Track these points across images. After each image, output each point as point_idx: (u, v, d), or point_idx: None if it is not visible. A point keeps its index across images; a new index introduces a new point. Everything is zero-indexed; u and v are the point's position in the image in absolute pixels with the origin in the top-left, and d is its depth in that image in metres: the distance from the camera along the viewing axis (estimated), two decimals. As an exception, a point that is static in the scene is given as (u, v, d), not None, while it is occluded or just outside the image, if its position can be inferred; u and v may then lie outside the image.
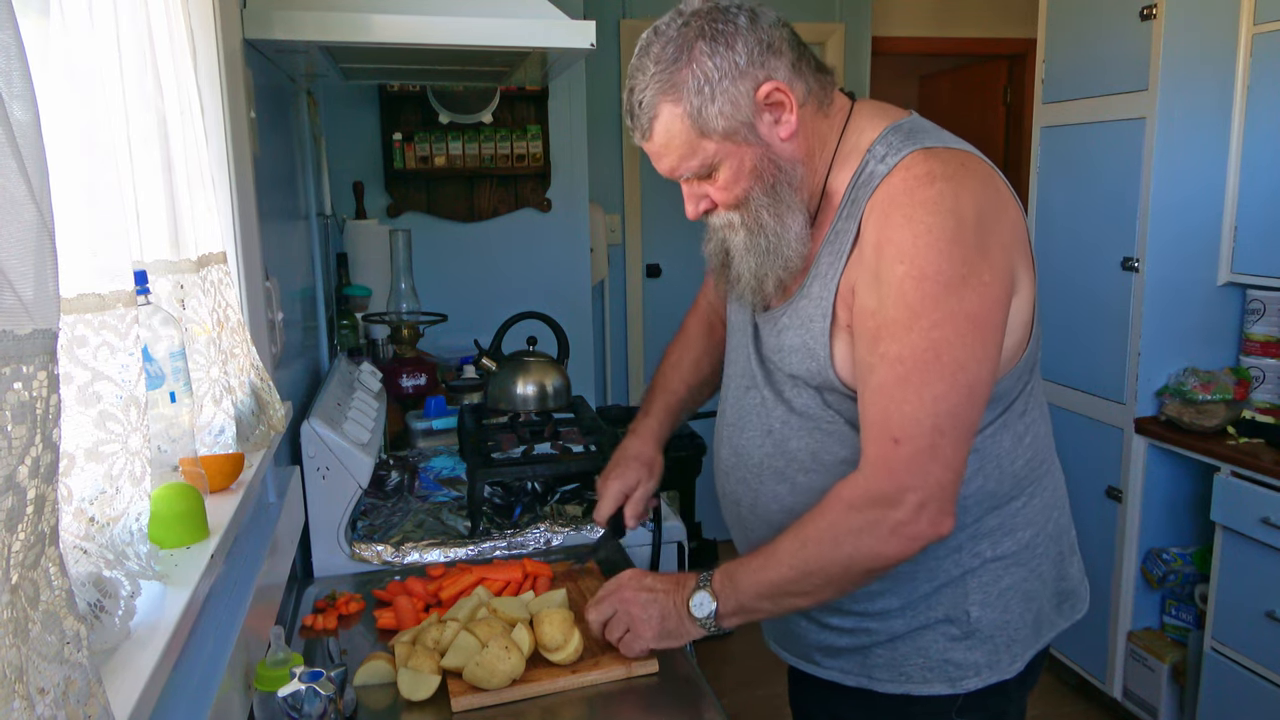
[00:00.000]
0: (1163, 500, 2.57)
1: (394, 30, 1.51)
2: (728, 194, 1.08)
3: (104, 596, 0.71)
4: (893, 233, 0.99)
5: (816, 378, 1.10)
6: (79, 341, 0.76)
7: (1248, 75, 2.37)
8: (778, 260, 1.10)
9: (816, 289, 1.09)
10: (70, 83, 0.75)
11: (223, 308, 1.16)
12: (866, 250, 1.03)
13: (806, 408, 1.13)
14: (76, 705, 0.55)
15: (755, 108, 1.03)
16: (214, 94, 1.29)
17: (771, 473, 1.17)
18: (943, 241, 0.97)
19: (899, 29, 4.21)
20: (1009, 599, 1.16)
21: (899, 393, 0.99)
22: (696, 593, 1.12)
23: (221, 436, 1.10)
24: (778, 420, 1.16)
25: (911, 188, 1.00)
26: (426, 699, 1.16)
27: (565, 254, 3.32)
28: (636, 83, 1.05)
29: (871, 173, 1.05)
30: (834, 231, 1.08)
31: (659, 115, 1.04)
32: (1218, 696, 2.34)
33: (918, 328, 0.98)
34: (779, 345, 1.14)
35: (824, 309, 1.08)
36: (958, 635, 1.15)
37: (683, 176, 1.09)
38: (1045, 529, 1.19)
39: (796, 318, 1.11)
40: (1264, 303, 2.42)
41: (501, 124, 3.18)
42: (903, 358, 0.99)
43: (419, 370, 2.42)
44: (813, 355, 1.10)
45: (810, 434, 1.13)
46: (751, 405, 1.20)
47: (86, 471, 0.77)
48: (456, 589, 1.43)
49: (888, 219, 1.01)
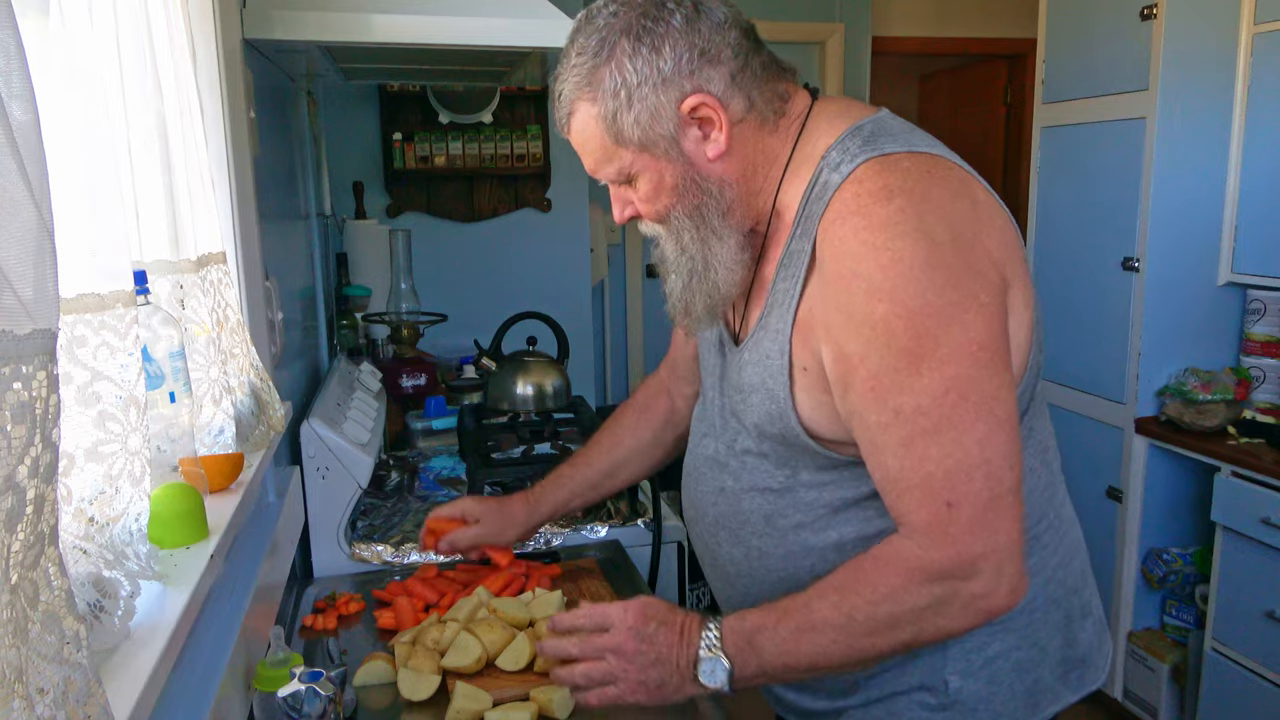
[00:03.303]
0: (1163, 500, 2.57)
1: (394, 30, 1.51)
2: (649, 207, 0.98)
3: (104, 596, 0.71)
4: (857, 264, 0.87)
5: (776, 423, 0.98)
6: (79, 341, 0.76)
7: (1248, 75, 2.37)
8: (704, 285, 0.99)
9: (774, 320, 0.97)
10: (70, 83, 0.75)
11: (222, 308, 1.16)
12: (827, 276, 0.91)
13: (758, 466, 1.02)
14: (76, 705, 0.55)
15: (679, 121, 0.92)
16: (214, 94, 1.29)
17: (726, 533, 1.07)
18: (917, 269, 0.84)
19: (899, 29, 4.22)
20: (996, 668, 1.02)
21: (934, 449, 0.85)
22: (706, 660, 0.94)
23: (221, 436, 1.10)
24: (730, 477, 1.06)
25: (865, 206, 0.87)
26: (426, 699, 1.16)
27: (565, 254, 3.32)
28: (560, 70, 0.95)
29: (825, 183, 0.92)
30: (788, 253, 0.96)
31: (575, 112, 0.95)
32: (1218, 696, 2.34)
33: (926, 371, 0.85)
34: (740, 384, 1.02)
35: (781, 344, 0.96)
36: (934, 705, 1.02)
37: (602, 181, 1.00)
38: (1046, 589, 1.03)
39: (756, 352, 0.99)
40: (1264, 303, 2.42)
41: (501, 124, 3.18)
42: (923, 409, 0.85)
43: (419, 370, 2.42)
44: (772, 397, 0.97)
45: (762, 494, 1.02)
46: (705, 456, 1.10)
47: (86, 471, 0.77)
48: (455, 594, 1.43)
49: (844, 244, 0.88)
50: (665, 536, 1.70)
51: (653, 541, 1.68)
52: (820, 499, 1.00)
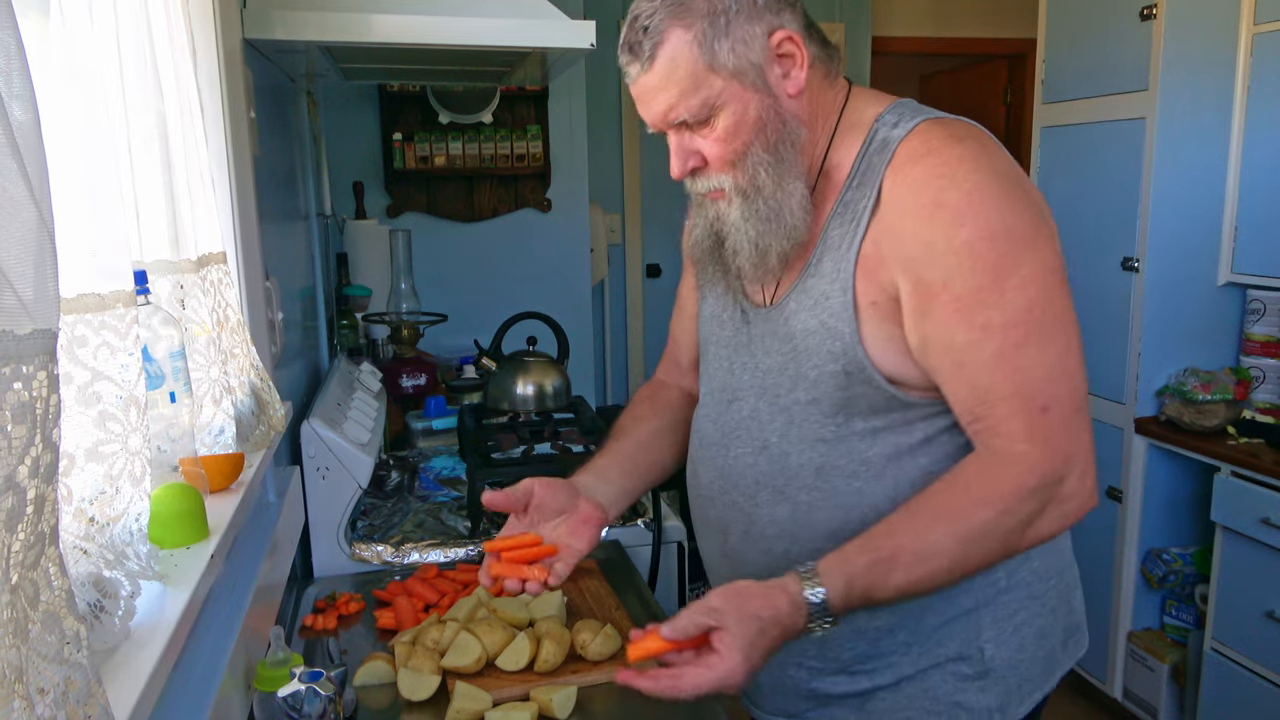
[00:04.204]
0: (1163, 500, 2.57)
1: (394, 30, 1.51)
2: (725, 147, 0.98)
3: (104, 596, 0.71)
4: (938, 195, 0.93)
5: (839, 359, 0.99)
6: (79, 341, 0.76)
7: (1248, 75, 2.37)
8: (780, 228, 0.99)
9: (829, 265, 1.00)
10: (70, 82, 0.75)
11: (222, 308, 1.16)
12: (903, 211, 0.95)
13: (808, 416, 1.03)
14: (76, 705, 0.55)
15: (767, 53, 0.96)
16: (214, 94, 1.29)
17: (769, 492, 1.06)
18: (997, 197, 0.92)
19: (899, 29, 4.22)
20: (1024, 635, 1.07)
21: (1024, 359, 0.91)
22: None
23: (221, 436, 1.10)
24: (774, 433, 1.06)
25: (937, 148, 0.95)
26: (426, 699, 1.16)
27: (565, 254, 3.32)
28: (641, 10, 0.96)
29: (884, 139, 0.99)
30: (842, 203, 1.00)
31: (666, 41, 0.94)
32: (1218, 697, 2.34)
33: (1009, 288, 0.91)
34: (787, 333, 1.04)
35: (843, 283, 0.99)
36: (969, 675, 1.05)
37: (676, 120, 0.97)
38: (1053, 557, 1.10)
39: (807, 298, 1.02)
40: (1264, 303, 2.42)
41: (501, 124, 3.18)
42: (1011, 322, 0.91)
43: (419, 370, 2.42)
44: (835, 334, 0.99)
45: (813, 447, 1.03)
46: (738, 419, 1.09)
47: (86, 471, 0.77)
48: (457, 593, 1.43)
49: (922, 180, 0.94)
50: (665, 536, 1.70)
51: (653, 541, 1.68)
52: (873, 448, 1.02)
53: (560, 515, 1.15)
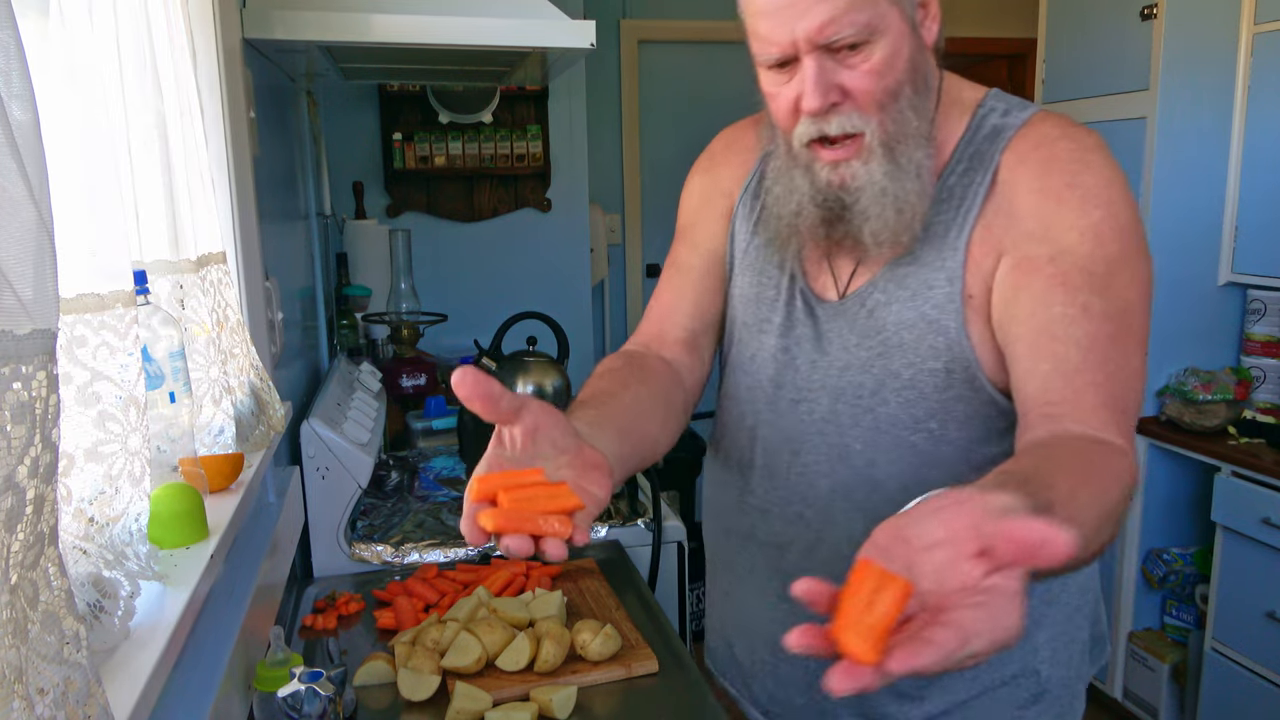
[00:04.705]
0: (1163, 500, 2.56)
1: (394, 30, 1.51)
2: (877, 82, 0.85)
3: (103, 597, 0.71)
4: (1073, 177, 0.86)
5: (942, 356, 0.91)
6: (78, 341, 0.76)
7: (1248, 75, 2.37)
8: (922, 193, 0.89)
9: (929, 252, 0.91)
10: (70, 83, 0.75)
11: (222, 308, 1.16)
12: (1011, 197, 0.88)
13: (898, 420, 0.93)
14: (76, 705, 0.55)
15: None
16: (213, 94, 1.29)
17: (847, 508, 0.95)
18: (1125, 192, 0.87)
19: (899, 29, 4.21)
20: (1072, 651, 1.02)
21: (1117, 355, 0.83)
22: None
23: (221, 436, 1.09)
24: (857, 439, 0.95)
25: (1070, 134, 0.89)
26: (426, 699, 1.16)
27: (565, 254, 3.33)
28: None
29: (996, 127, 0.92)
30: (945, 188, 0.92)
31: None
32: (1218, 697, 2.34)
33: (1117, 284, 0.85)
34: (873, 326, 0.94)
35: (949, 272, 0.90)
36: (1027, 699, 1.00)
37: (834, 38, 0.83)
38: (1089, 577, 1.06)
39: (900, 289, 0.92)
40: (1264, 303, 2.42)
41: (501, 124, 3.18)
42: (1110, 315, 0.84)
43: (419, 370, 2.42)
44: (938, 328, 0.91)
45: (902, 456, 0.93)
46: (810, 422, 0.98)
47: (86, 471, 0.77)
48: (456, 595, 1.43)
49: (1053, 163, 0.88)
50: (665, 536, 1.70)
51: (653, 541, 1.68)
52: (966, 460, 0.94)
53: (562, 455, 0.74)
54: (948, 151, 0.93)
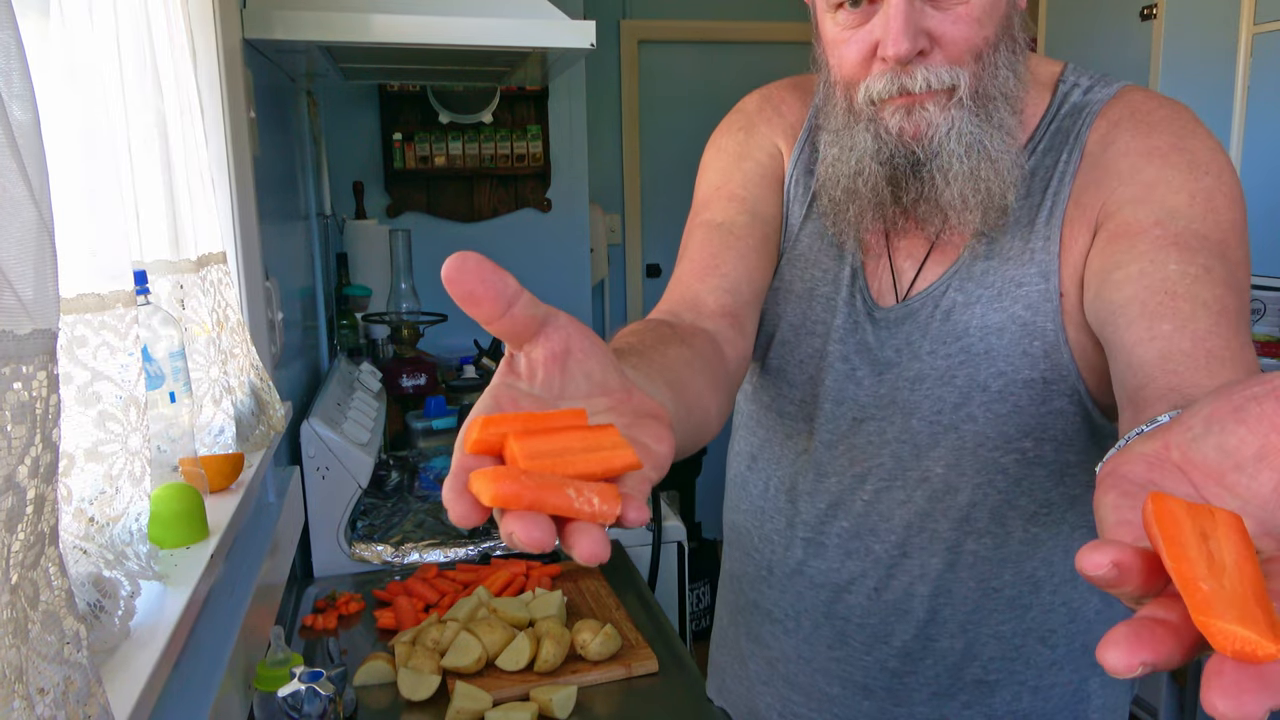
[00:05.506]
0: (1163, 500, 2.56)
1: (394, 30, 1.51)
2: (974, 31, 0.73)
3: (104, 596, 0.71)
4: (1180, 140, 0.76)
5: (1039, 364, 0.78)
6: (79, 341, 0.76)
7: (1248, 75, 2.37)
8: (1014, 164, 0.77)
9: (1015, 246, 0.79)
10: (70, 83, 0.75)
11: (222, 308, 1.16)
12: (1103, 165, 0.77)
13: (986, 439, 0.80)
14: (76, 705, 0.55)
15: None
16: (214, 94, 1.29)
17: (925, 538, 0.84)
18: (1235, 171, 0.77)
19: (899, 29, 4.21)
20: (1119, 690, 0.91)
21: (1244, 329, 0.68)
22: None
23: (221, 436, 1.10)
24: (939, 461, 0.82)
25: (1166, 103, 0.80)
26: (426, 699, 1.16)
27: (565, 254, 3.33)
28: None
29: (1077, 104, 0.82)
30: (1028, 171, 0.81)
31: None
32: (1218, 696, 2.33)
33: (1231, 257, 0.71)
34: (952, 332, 0.81)
35: (1042, 267, 0.78)
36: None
37: None
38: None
39: (982, 287, 0.80)
40: (1264, 302, 2.42)
41: (501, 124, 3.18)
42: (1232, 286, 0.69)
43: (419, 370, 2.42)
44: (1035, 332, 0.78)
45: (991, 481, 0.81)
46: (880, 443, 0.84)
47: (86, 471, 0.77)
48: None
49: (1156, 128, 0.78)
50: (665, 536, 1.70)
51: (653, 542, 1.68)
52: (1059, 486, 0.83)
53: (604, 396, 0.47)
54: (1029, 130, 0.82)
